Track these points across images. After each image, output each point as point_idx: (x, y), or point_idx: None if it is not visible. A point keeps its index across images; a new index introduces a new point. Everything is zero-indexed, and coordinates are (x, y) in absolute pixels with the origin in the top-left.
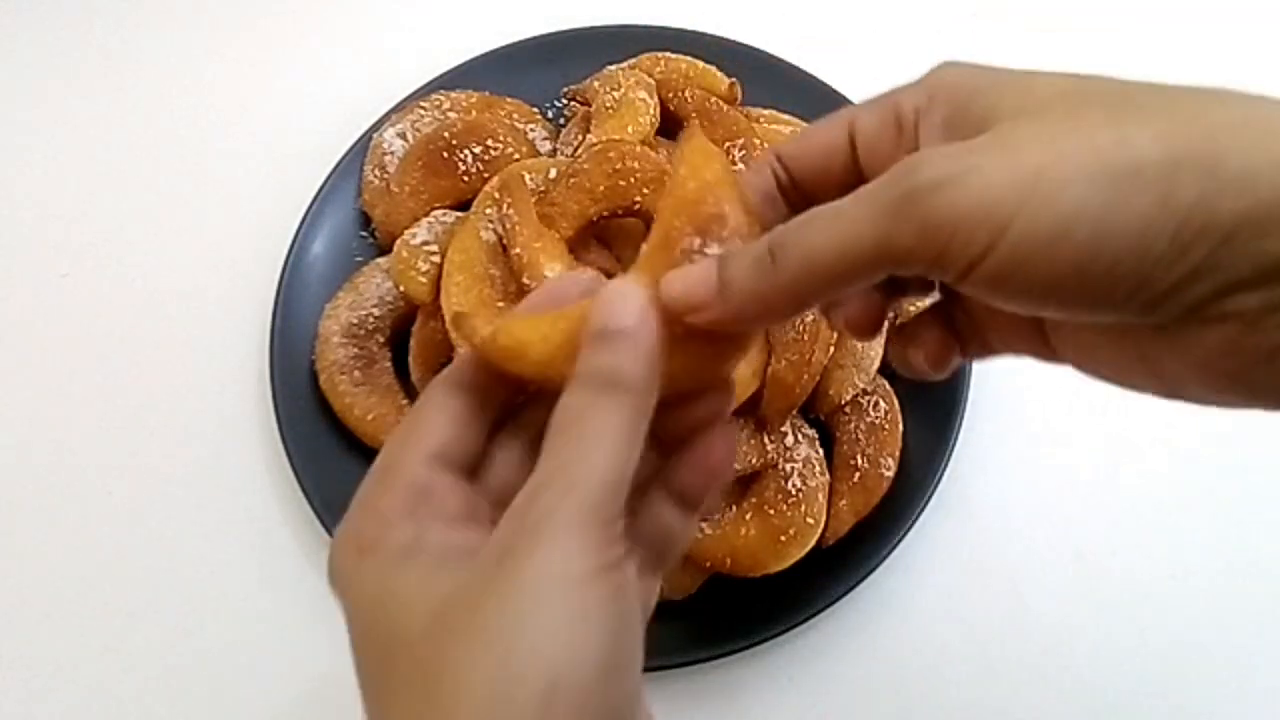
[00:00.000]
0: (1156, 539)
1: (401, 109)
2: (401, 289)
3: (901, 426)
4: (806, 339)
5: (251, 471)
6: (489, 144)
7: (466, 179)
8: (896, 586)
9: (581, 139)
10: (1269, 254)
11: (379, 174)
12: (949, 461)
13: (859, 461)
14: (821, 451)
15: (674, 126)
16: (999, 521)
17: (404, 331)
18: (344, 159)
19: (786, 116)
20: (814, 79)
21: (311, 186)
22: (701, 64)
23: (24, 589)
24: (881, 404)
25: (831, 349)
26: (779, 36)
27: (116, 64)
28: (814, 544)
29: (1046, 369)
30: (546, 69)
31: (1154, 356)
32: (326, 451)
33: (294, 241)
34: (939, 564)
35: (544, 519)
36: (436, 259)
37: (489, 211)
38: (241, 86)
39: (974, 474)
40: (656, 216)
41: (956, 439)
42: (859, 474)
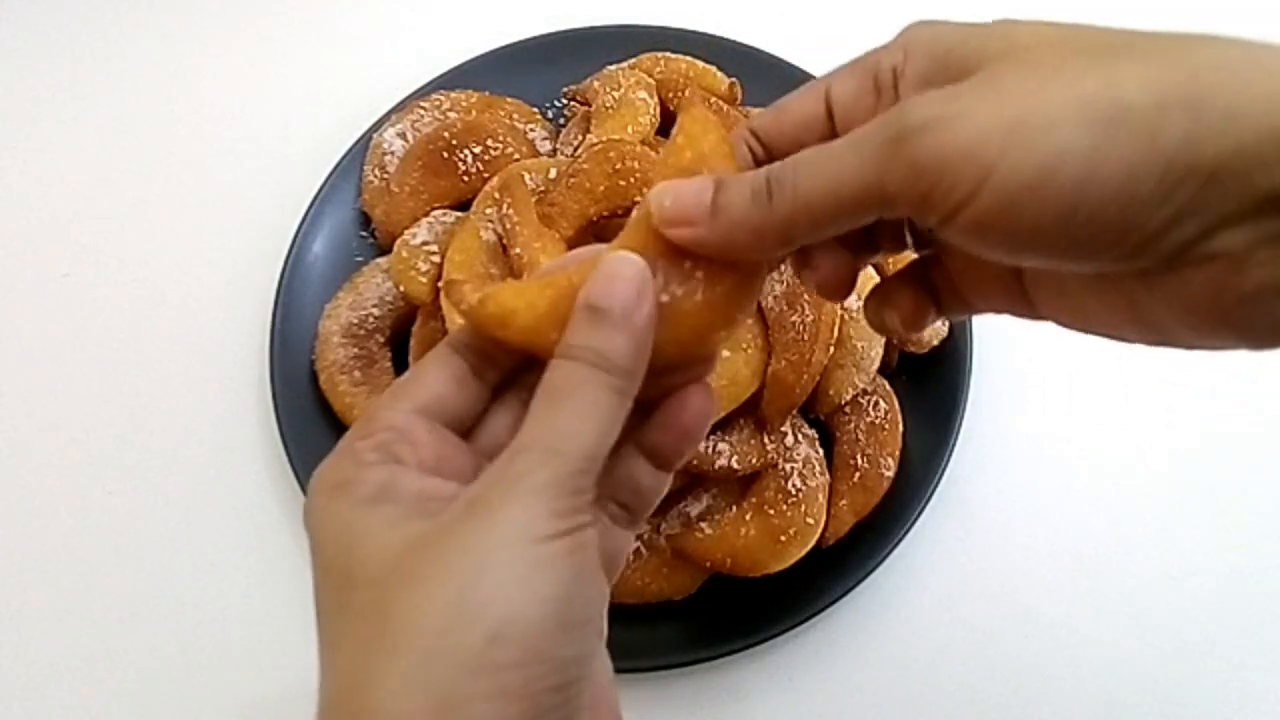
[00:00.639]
0: (1156, 539)
1: (401, 109)
2: (401, 289)
3: (901, 426)
4: (806, 339)
5: (251, 471)
6: (489, 144)
7: (466, 179)
8: (896, 586)
9: (581, 139)
10: (1255, 190)
11: (379, 174)
12: (949, 461)
13: (859, 461)
14: (821, 451)
15: (674, 127)
16: (999, 521)
17: (404, 331)
18: (344, 159)
19: None
20: (814, 79)
21: (311, 186)
22: (701, 64)
23: (23, 588)
24: (881, 404)
25: (831, 349)
26: (779, 36)
27: (116, 64)
28: (814, 544)
29: (1047, 369)
30: (546, 69)
31: (1140, 304)
32: (326, 452)
33: (294, 241)
34: (939, 564)
35: (519, 480)
36: (436, 259)
37: (489, 211)
38: (241, 86)
39: (974, 474)
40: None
41: (956, 439)
42: (859, 474)
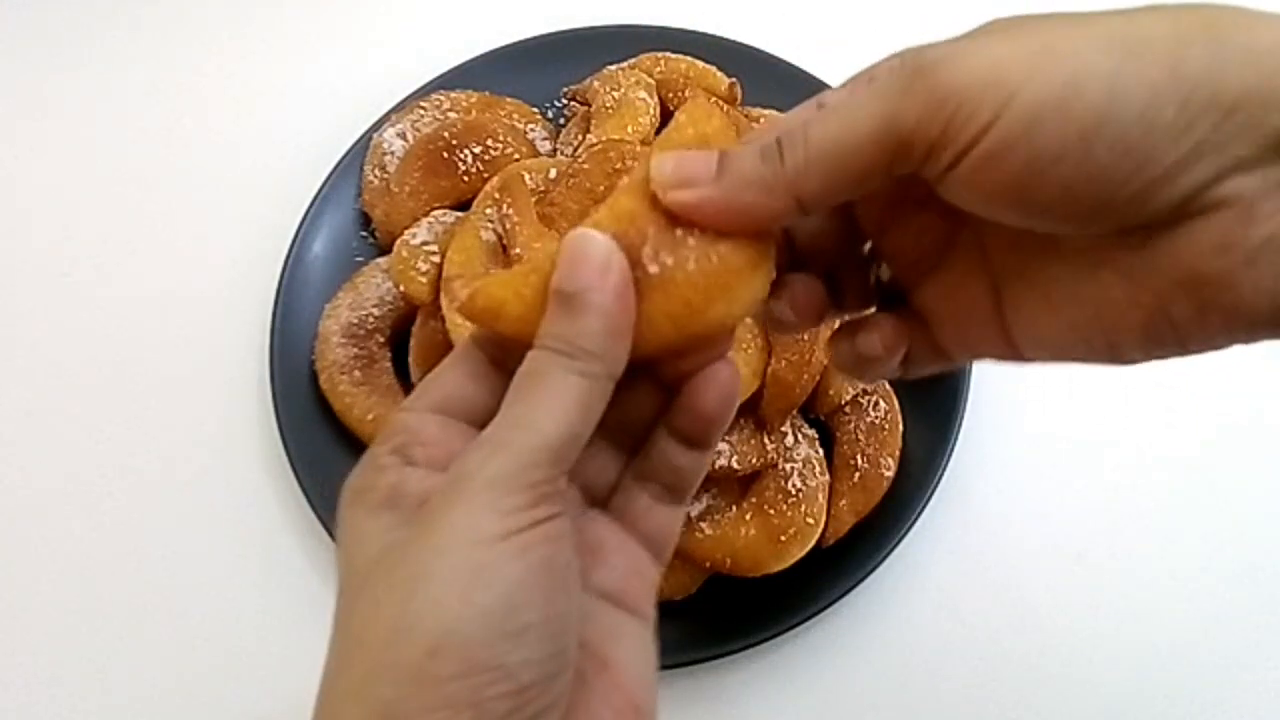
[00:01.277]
0: (1156, 539)
1: (401, 109)
2: (401, 289)
3: (901, 426)
4: (806, 339)
5: (251, 471)
6: (489, 144)
7: (466, 179)
8: (896, 586)
9: (581, 139)
10: (1270, 131)
11: (379, 174)
12: (949, 461)
13: (859, 461)
14: (821, 451)
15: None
16: (999, 521)
17: (404, 331)
18: (344, 159)
19: None
20: (814, 79)
21: (311, 186)
22: (701, 64)
23: (23, 590)
24: (881, 404)
25: None
26: (779, 36)
27: (116, 64)
28: (814, 544)
29: (1047, 369)
30: (546, 69)
31: (1134, 300)
32: (326, 452)
33: (294, 241)
34: (939, 564)
35: (465, 478)
36: (436, 259)
37: (489, 211)
38: (242, 86)
39: (974, 474)
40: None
41: (956, 439)
42: (859, 474)
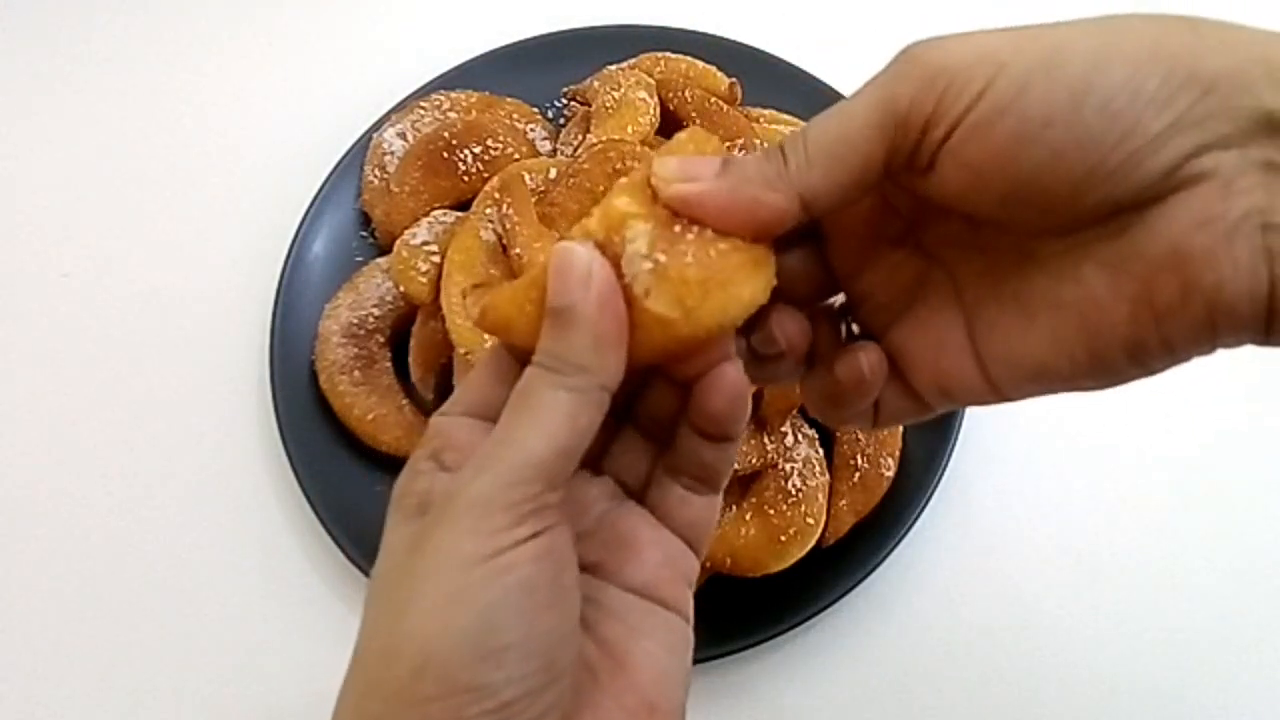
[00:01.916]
0: (1156, 539)
1: (401, 109)
2: (401, 289)
3: (901, 426)
4: None
5: (251, 471)
6: (489, 144)
7: (466, 179)
8: (896, 586)
9: (581, 139)
10: (1248, 109)
11: (379, 174)
12: (949, 461)
13: (859, 461)
14: (821, 451)
15: (674, 126)
16: (999, 521)
17: (404, 331)
18: (344, 159)
19: (786, 116)
20: (814, 79)
21: (311, 186)
22: (701, 64)
23: (23, 590)
24: None
25: None
26: (779, 36)
27: (116, 64)
28: (814, 544)
29: None
30: (546, 69)
31: (1105, 295)
32: (327, 452)
33: (294, 241)
34: (939, 564)
35: (452, 498)
36: (436, 259)
37: (489, 211)
38: (242, 86)
39: (974, 474)
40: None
41: (956, 439)
42: (859, 474)
